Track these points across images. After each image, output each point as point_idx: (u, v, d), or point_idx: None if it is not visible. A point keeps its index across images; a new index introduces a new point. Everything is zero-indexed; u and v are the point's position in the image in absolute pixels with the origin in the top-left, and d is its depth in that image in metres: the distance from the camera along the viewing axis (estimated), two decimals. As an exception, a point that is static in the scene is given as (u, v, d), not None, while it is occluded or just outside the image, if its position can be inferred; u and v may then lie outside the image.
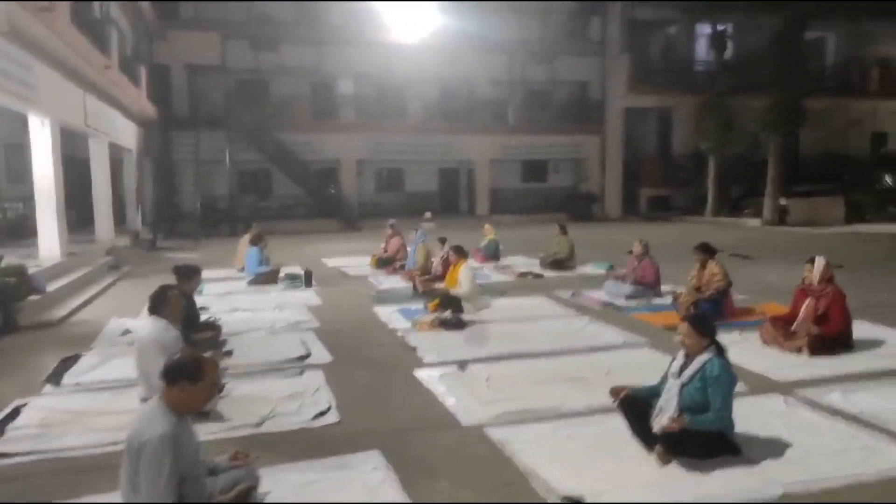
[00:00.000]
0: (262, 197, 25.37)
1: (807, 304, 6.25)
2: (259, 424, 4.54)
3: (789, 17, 21.04)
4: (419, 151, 25.67)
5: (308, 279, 10.70)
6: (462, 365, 5.89)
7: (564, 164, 28.32)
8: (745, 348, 6.34)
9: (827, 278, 6.27)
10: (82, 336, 7.47)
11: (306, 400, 4.98)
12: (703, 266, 7.87)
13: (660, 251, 14.48)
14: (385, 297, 9.55)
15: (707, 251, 7.87)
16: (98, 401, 5.11)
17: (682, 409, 3.89)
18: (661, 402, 4.02)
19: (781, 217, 21.87)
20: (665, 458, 3.83)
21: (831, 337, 6.07)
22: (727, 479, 3.63)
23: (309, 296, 9.78)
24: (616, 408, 4.29)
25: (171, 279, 11.53)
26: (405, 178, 27.09)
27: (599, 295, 9.22)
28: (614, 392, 4.29)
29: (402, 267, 11.62)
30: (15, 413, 4.83)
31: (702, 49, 28.21)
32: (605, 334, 7.03)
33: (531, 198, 27.87)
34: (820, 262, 6.31)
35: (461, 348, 6.54)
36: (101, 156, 14.66)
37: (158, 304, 4.78)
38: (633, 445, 4.10)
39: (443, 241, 10.12)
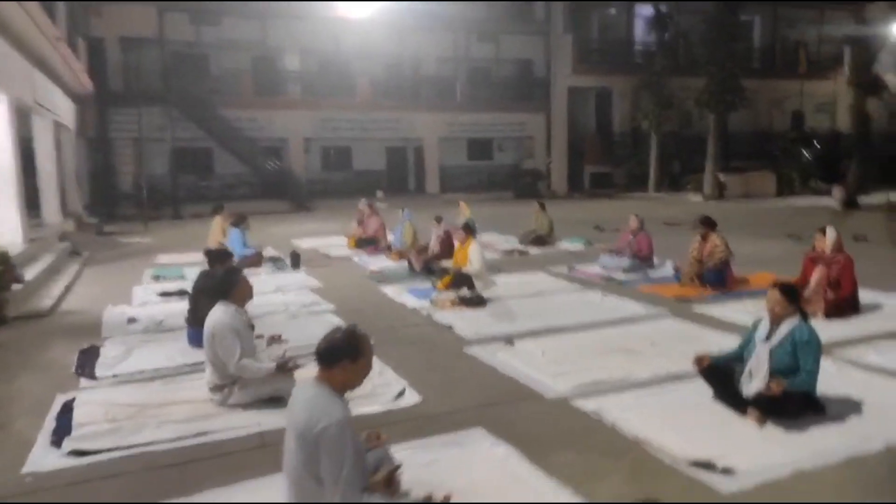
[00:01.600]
0: (203, 176, 24.37)
1: (819, 271, 6.65)
2: (342, 408, 4.43)
3: (725, 3, 21.92)
4: (367, 129, 25.33)
5: (296, 261, 10.43)
6: (509, 340, 5.93)
7: (509, 142, 28.62)
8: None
9: (838, 247, 6.68)
10: (82, 326, 7.03)
11: (375, 381, 4.89)
12: (705, 238, 8.20)
13: (621, 225, 15.08)
14: (384, 278, 9.45)
15: (709, 224, 8.20)
16: (153, 392, 4.85)
17: (773, 372, 4.10)
18: (749, 366, 4.21)
19: (720, 191, 22.99)
20: (762, 420, 4.02)
21: (844, 301, 6.50)
22: (825, 436, 3.86)
23: (303, 278, 9.53)
24: (699, 374, 4.47)
25: (136, 265, 11.17)
26: (353, 156, 26.62)
27: (596, 269, 9.46)
28: (697, 360, 4.46)
29: (389, 247, 11.49)
30: (67, 409, 4.51)
31: (640, 30, 28.99)
32: (625, 307, 7.24)
33: (477, 175, 28.10)
34: (832, 232, 6.72)
35: (495, 325, 6.58)
36: (46, 135, 13.66)
37: (228, 289, 4.55)
38: (718, 410, 4.29)
39: (439, 219, 10.08)
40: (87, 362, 5.59)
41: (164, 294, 8.39)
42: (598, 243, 12.51)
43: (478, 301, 7.42)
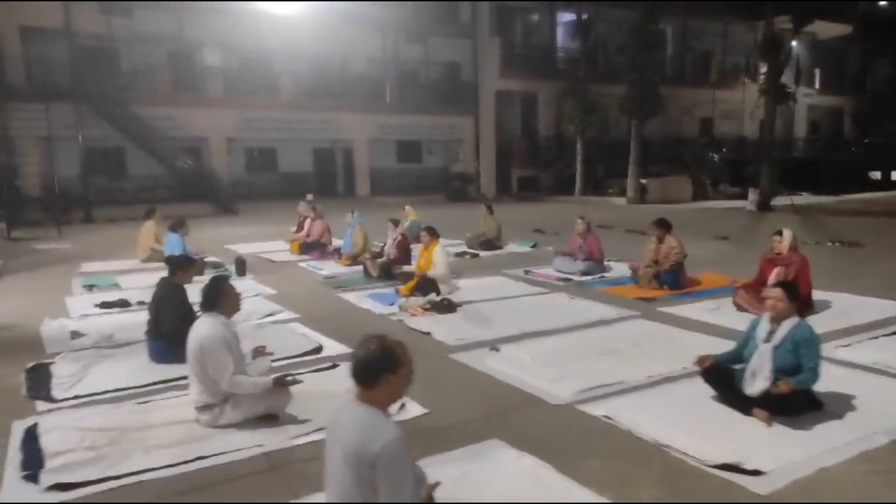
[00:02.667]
0: (115, 178, 22.95)
1: (777, 272, 6.95)
2: (346, 423, 4.19)
3: (645, 10, 22.82)
4: (293, 129, 24.65)
5: (241, 268, 9.92)
6: (494, 346, 5.84)
7: (438, 145, 28.65)
8: (728, 314, 6.95)
9: (794, 247, 7.01)
10: (17, 342, 6.37)
11: (371, 393, 4.66)
12: (661, 240, 8.43)
13: (559, 228, 15.40)
14: (339, 283, 9.15)
15: (664, 226, 8.43)
16: (128, 414, 4.41)
17: (776, 371, 4.20)
18: (752, 366, 4.30)
19: (642, 195, 23.90)
20: (770, 420, 4.11)
21: (801, 301, 6.81)
22: (831, 433, 3.99)
23: (253, 285, 9.06)
24: (701, 375, 4.54)
25: (59, 273, 10.29)
26: (279, 157, 25.85)
27: (551, 272, 9.54)
28: (700, 361, 4.53)
29: (338, 252, 11.15)
30: (31, 437, 4.03)
31: (562, 36, 29.77)
32: (595, 309, 7.31)
33: (407, 178, 27.99)
34: (788, 233, 7.05)
35: (473, 330, 6.47)
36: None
37: (214, 299, 4.20)
38: (722, 410, 4.36)
39: (395, 222, 9.86)
40: (38, 383, 5.04)
41: (105, 305, 7.74)
42: (544, 246, 12.68)
43: (449, 306, 7.28)
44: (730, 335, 6.09)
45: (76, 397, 4.75)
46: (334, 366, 5.41)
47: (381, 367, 2.66)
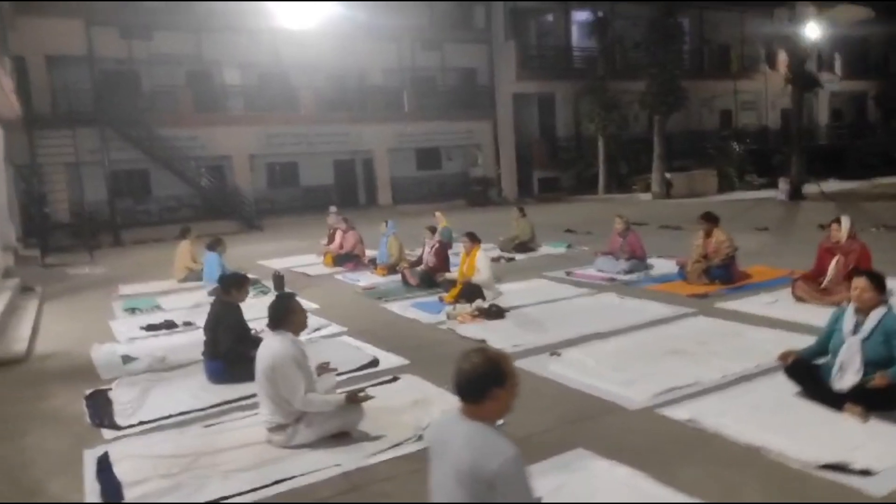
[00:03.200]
0: (140, 200, 23.09)
1: (837, 261, 6.74)
2: (421, 437, 4.07)
3: (663, 3, 22.60)
4: (313, 143, 24.67)
5: (280, 284, 9.82)
6: (554, 351, 5.69)
7: (456, 151, 28.55)
8: (787, 306, 6.75)
9: (852, 235, 6.79)
10: (71, 369, 6.34)
11: (439, 407, 4.55)
12: (708, 234, 8.23)
13: (590, 227, 15.21)
14: (380, 294, 9.05)
15: (712, 220, 8.24)
16: (197, 438, 4.33)
17: (866, 364, 4.01)
18: (840, 360, 4.12)
19: (668, 190, 23.61)
20: (865, 415, 3.92)
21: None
22: (931, 426, 3.79)
23: (294, 299, 8.98)
24: (785, 372, 4.36)
25: (98, 298, 10.30)
26: (300, 171, 25.86)
27: (593, 272, 9.36)
28: (783, 357, 4.35)
29: (374, 263, 11.07)
30: (104, 466, 3.95)
31: (576, 36, 29.57)
32: (649, 308, 7.13)
33: (427, 186, 27.87)
34: (846, 221, 6.83)
35: (528, 335, 6.32)
36: (-20, 161, 12.50)
37: (282, 316, 4.10)
38: (809, 407, 4.17)
39: (433, 229, 9.75)
40: (99, 410, 4.98)
41: (151, 327, 7.70)
42: (578, 246, 12.51)
43: (497, 312, 7.15)
44: (795, 328, 5.91)
45: (141, 423, 4.68)
46: (395, 378, 5.29)
47: (488, 381, 2.52)
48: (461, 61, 27.43)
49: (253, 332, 5.98)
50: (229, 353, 5.32)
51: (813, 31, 31.03)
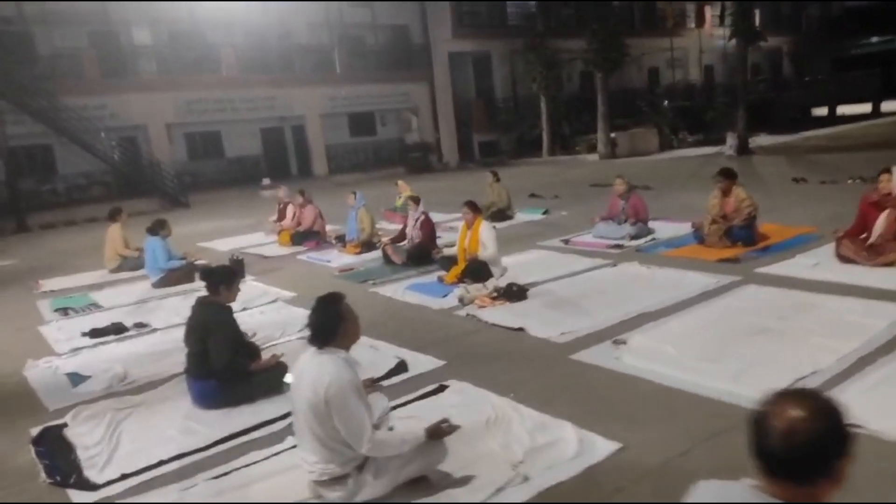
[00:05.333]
0: (45, 179, 20.54)
1: (887, 215, 6.16)
2: (527, 478, 3.09)
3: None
4: (238, 109, 22.70)
5: (239, 269, 8.49)
6: (617, 339, 4.80)
7: (391, 115, 27.15)
8: (833, 267, 6.16)
9: (903, 187, 6.23)
10: (2, 399, 4.93)
11: (523, 428, 3.57)
12: (726, 193, 7.55)
13: (553, 191, 14.49)
14: (361, 276, 7.92)
15: (731, 176, 7.55)
16: (214, 498, 3.17)
17: None
18: None
19: (613, 150, 23.21)
20: None
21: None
22: None
23: (262, 289, 7.73)
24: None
25: (18, 297, 8.61)
26: (223, 141, 23.80)
27: (595, 240, 8.56)
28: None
29: (340, 239, 9.86)
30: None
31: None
32: (685, 278, 6.35)
33: (362, 153, 26.46)
34: (897, 171, 6.25)
35: (568, 319, 5.40)
36: None
37: (333, 328, 2.98)
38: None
39: (416, 200, 8.61)
40: (57, 459, 3.71)
41: (96, 333, 6.28)
42: (555, 211, 11.72)
43: (520, 292, 6.19)
44: (869, 294, 5.29)
45: (123, 477, 3.46)
46: (441, 388, 4.26)
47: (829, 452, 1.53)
48: (393, 18, 25.86)
49: (246, 336, 4.80)
50: (225, 368, 4.12)
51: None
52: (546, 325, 5.27)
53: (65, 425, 4.17)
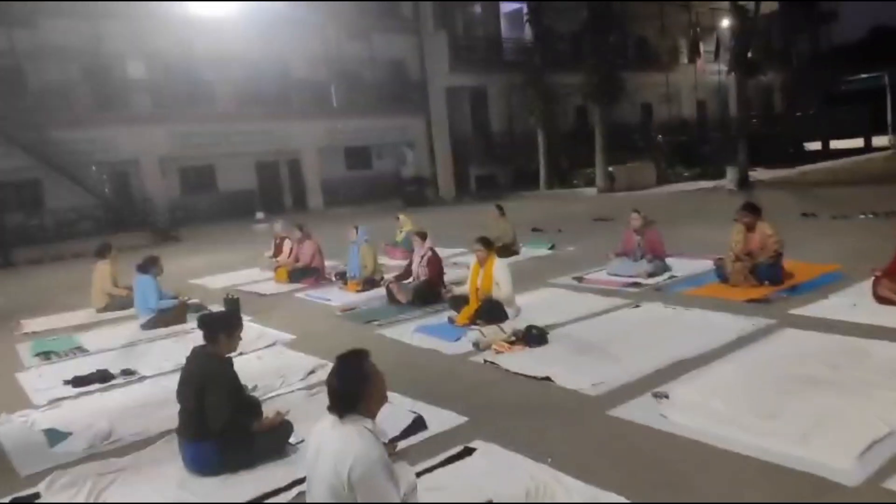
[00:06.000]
0: (32, 213, 20.05)
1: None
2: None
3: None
4: (233, 142, 22.45)
5: (235, 309, 8.02)
6: (658, 393, 4.36)
7: (387, 149, 26.95)
8: (873, 309, 5.78)
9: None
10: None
11: (565, 501, 3.11)
12: (750, 228, 7.20)
13: (556, 225, 14.14)
14: (366, 317, 7.46)
15: (755, 211, 7.20)
16: None
17: None
18: None
19: (611, 184, 23.01)
20: None
21: None
22: None
23: (259, 331, 7.23)
24: None
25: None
26: (217, 174, 23.45)
27: (610, 277, 8.16)
28: None
29: (341, 276, 9.42)
30: None
31: (505, 28, 28.65)
32: (716, 320, 5.94)
33: (358, 187, 26.13)
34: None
35: (599, 367, 4.95)
36: None
37: (357, 392, 2.53)
38: None
39: (423, 235, 8.19)
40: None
41: (79, 381, 5.77)
42: (562, 246, 11.35)
43: (540, 335, 5.75)
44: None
45: (104, 565, 2.95)
46: (468, 451, 3.78)
47: None
48: (390, 53, 25.82)
49: (246, 389, 4.32)
50: (225, 430, 3.64)
51: (722, 23, 31.69)
52: (574, 373, 4.82)
53: (37, 495, 3.66)
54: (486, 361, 5.40)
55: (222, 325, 3.85)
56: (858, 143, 36.73)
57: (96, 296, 9.09)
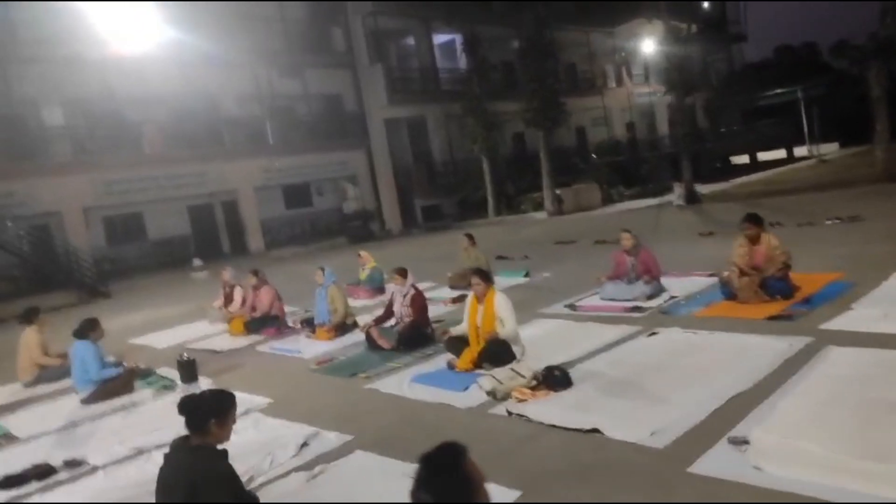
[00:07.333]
0: (-62, 278, 18.06)
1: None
2: None
3: (537, 19, 22.03)
4: (163, 187, 21.02)
5: (190, 372, 6.99)
6: (736, 438, 3.72)
7: (327, 185, 26.05)
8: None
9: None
10: None
11: None
12: (754, 241, 6.79)
13: (521, 251, 13.63)
14: (349, 369, 6.59)
15: (759, 222, 6.81)
16: None
17: None
18: None
19: (560, 207, 22.85)
20: None
21: None
22: None
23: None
24: None
25: None
26: (146, 222, 21.87)
27: (605, 303, 7.60)
28: None
29: (307, 323, 8.49)
30: None
31: (440, 58, 28.45)
32: (748, 344, 5.40)
33: (298, 225, 25.07)
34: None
35: (646, 412, 4.29)
36: None
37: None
38: None
39: (402, 272, 7.39)
40: None
41: (11, 482, 4.66)
42: (537, 273, 10.78)
43: (563, 377, 5.06)
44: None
45: None
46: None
47: None
48: (324, 87, 25.08)
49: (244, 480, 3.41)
50: (226, 549, 2.75)
51: (648, 46, 32.69)
52: (623, 421, 4.14)
53: None
54: (510, 413, 4.66)
55: (212, 409, 2.98)
56: (781, 154, 38.38)
57: (23, 368, 7.85)
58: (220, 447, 2.98)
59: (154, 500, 3.73)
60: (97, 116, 20.18)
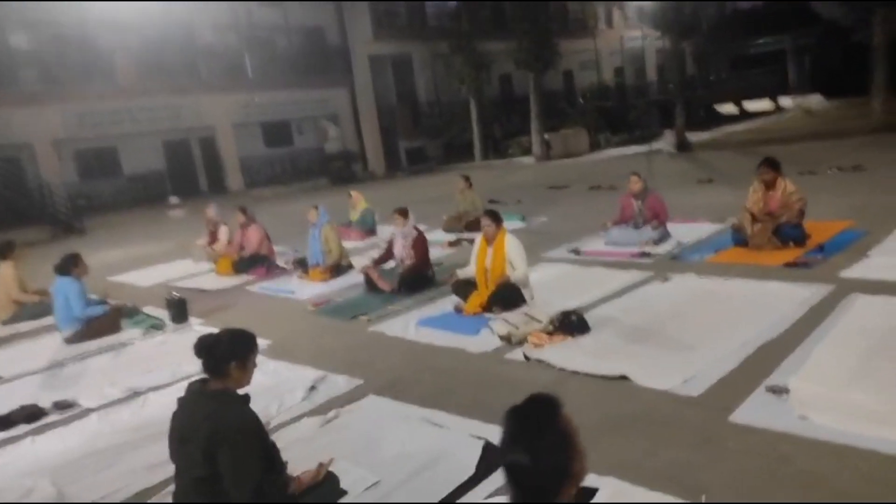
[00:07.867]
0: None
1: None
2: None
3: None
4: (137, 120, 20.17)
5: (181, 311, 6.69)
6: (774, 387, 3.56)
7: (308, 123, 25.25)
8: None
9: None
10: None
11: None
12: (770, 186, 6.58)
13: (512, 195, 13.34)
14: (350, 310, 6.34)
15: (776, 167, 6.58)
16: None
17: None
18: None
19: (547, 151, 22.48)
20: None
21: None
22: None
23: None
24: None
25: None
26: (121, 157, 21.05)
27: (613, 248, 7.40)
28: None
29: (300, 263, 8.18)
30: None
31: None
32: (770, 291, 5.23)
33: (278, 164, 24.35)
34: None
35: (674, 359, 4.12)
36: None
37: (561, 472, 1.51)
38: None
39: (404, 213, 7.05)
40: None
41: (3, 422, 4.38)
42: (532, 217, 10.54)
43: (580, 322, 4.86)
44: None
45: None
46: (588, 492, 2.84)
47: None
48: (306, 19, 23.99)
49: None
50: (252, 498, 2.52)
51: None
52: (652, 368, 3.97)
53: None
54: (528, 359, 4.46)
55: (232, 351, 2.69)
56: (768, 104, 38.12)
57: (1, 304, 7.47)
58: (241, 392, 2.71)
59: (153, 445, 3.51)
60: (67, 42, 19.08)
